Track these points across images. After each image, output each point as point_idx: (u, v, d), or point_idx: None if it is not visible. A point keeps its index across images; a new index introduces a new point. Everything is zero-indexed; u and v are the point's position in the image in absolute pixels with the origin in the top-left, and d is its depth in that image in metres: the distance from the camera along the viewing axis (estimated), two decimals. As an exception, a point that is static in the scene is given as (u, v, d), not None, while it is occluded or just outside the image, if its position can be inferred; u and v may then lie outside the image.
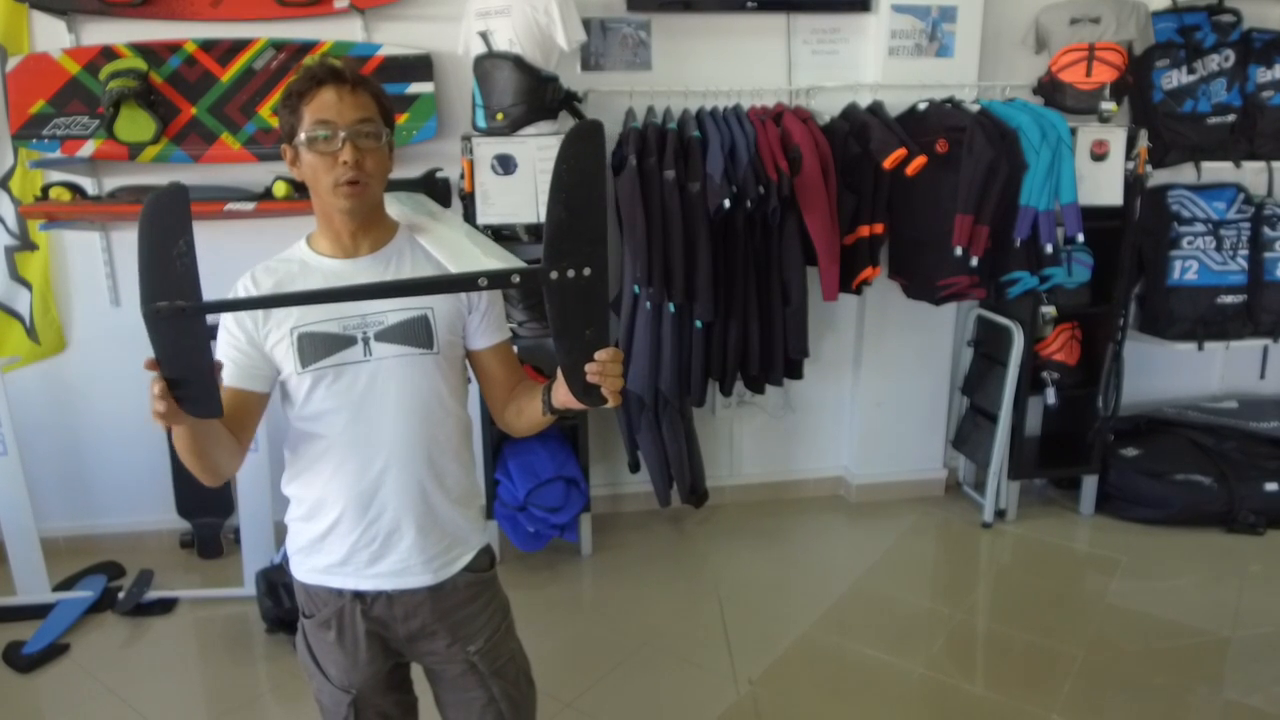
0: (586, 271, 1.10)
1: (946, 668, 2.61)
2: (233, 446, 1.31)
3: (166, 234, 1.02)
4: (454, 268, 1.32)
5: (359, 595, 1.44)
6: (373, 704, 1.50)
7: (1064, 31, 3.32)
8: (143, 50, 2.96)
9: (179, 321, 1.03)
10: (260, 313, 1.35)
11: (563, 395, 1.28)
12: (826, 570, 3.24)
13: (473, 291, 1.33)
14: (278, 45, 3.03)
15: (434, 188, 3.07)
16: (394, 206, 1.55)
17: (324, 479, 1.40)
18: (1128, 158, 3.23)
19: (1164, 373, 3.91)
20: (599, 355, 1.18)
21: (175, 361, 1.07)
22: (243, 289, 1.38)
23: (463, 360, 1.49)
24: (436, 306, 1.40)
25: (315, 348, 1.35)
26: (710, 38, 3.30)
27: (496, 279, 1.14)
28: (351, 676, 1.47)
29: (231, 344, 1.35)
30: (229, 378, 1.33)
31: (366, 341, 1.36)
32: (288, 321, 1.34)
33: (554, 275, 1.10)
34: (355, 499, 1.39)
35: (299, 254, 1.42)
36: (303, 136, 1.31)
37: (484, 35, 2.90)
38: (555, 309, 1.13)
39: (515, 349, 1.55)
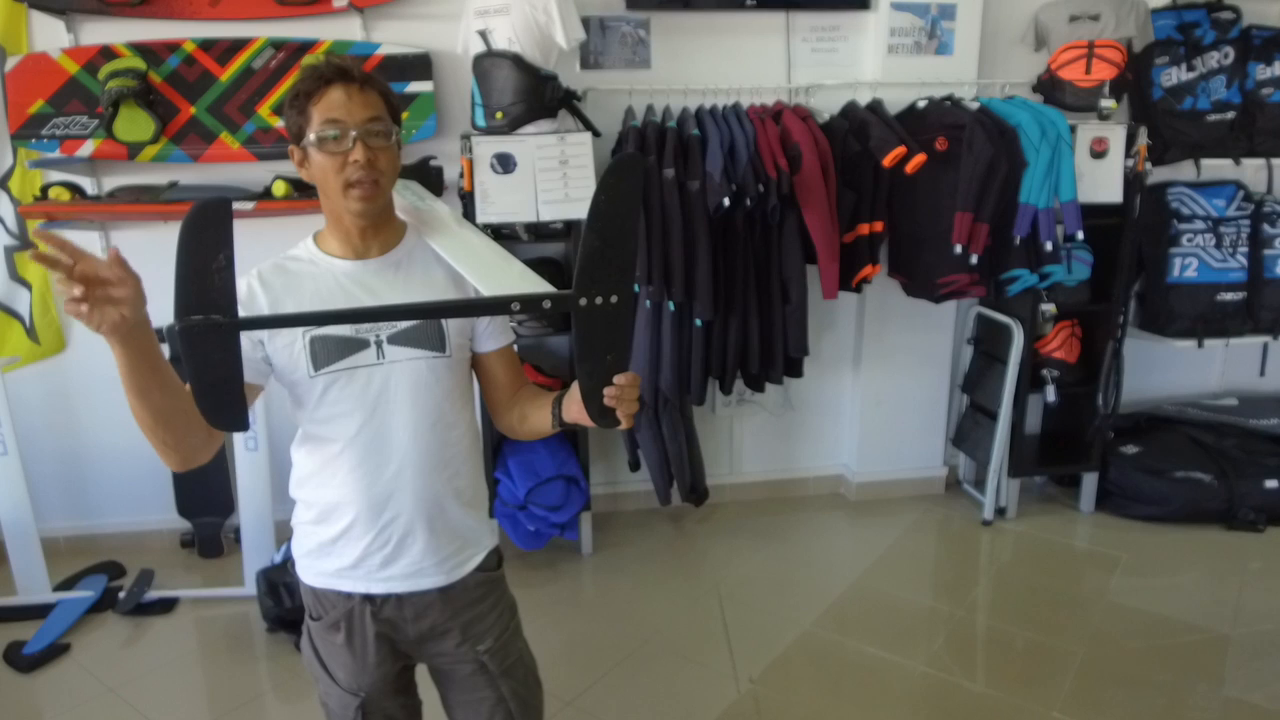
0: (614, 299, 1.11)
1: (947, 665, 2.61)
2: (205, 435, 1.25)
3: (208, 247, 0.99)
4: (475, 280, 1.31)
5: (369, 598, 1.42)
6: (380, 707, 1.49)
7: (1063, 29, 3.32)
8: (141, 50, 2.96)
9: (213, 335, 1.03)
10: (269, 313, 1.33)
11: (574, 412, 1.28)
12: (827, 568, 3.24)
13: (504, 315, 1.32)
14: (276, 44, 3.03)
15: (427, 175, 3.04)
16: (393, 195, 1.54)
17: (336, 483, 1.38)
18: (1127, 155, 3.23)
19: (1164, 370, 3.91)
20: (618, 380, 1.18)
21: (206, 374, 1.06)
22: (247, 288, 1.35)
23: (470, 363, 1.48)
24: None
25: (328, 351, 1.33)
26: (709, 36, 3.29)
27: (529, 304, 1.14)
28: (360, 679, 1.46)
29: None
30: None
31: (379, 344, 1.34)
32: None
33: (583, 301, 1.10)
34: (369, 503, 1.38)
35: (308, 253, 1.40)
36: (312, 137, 1.29)
37: (483, 34, 2.90)
38: (581, 334, 1.14)
39: (515, 349, 1.55)
